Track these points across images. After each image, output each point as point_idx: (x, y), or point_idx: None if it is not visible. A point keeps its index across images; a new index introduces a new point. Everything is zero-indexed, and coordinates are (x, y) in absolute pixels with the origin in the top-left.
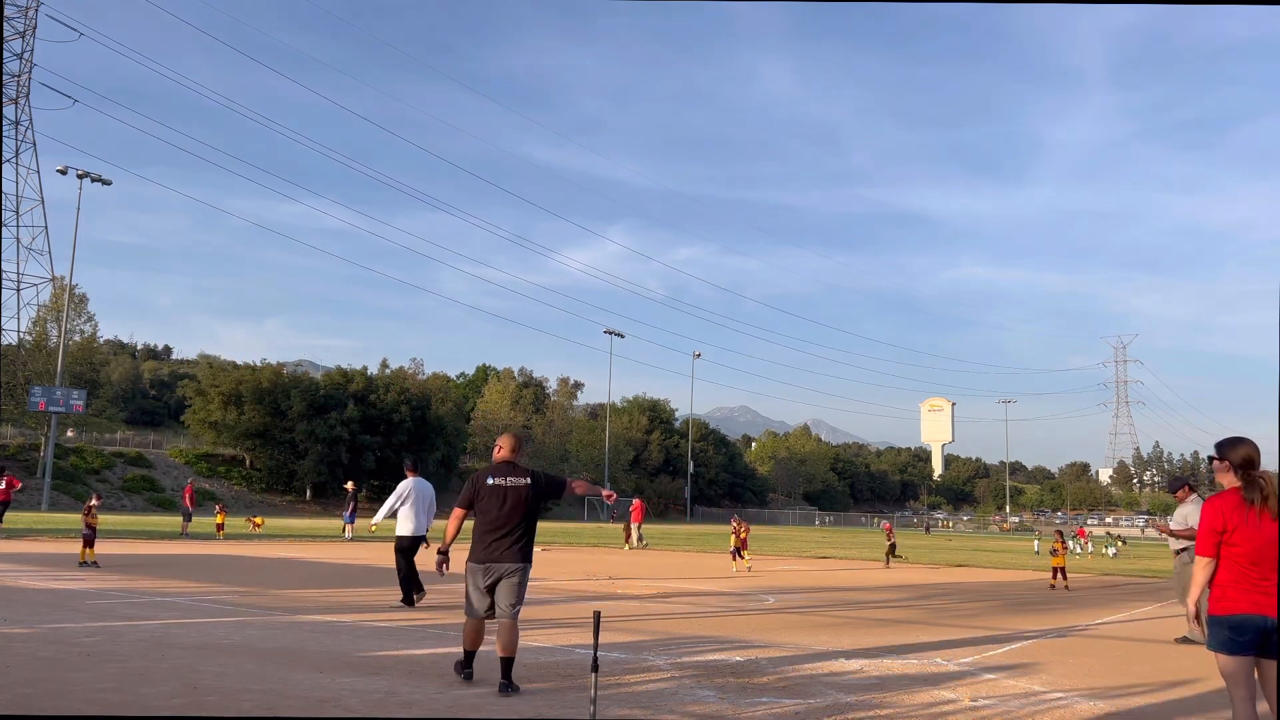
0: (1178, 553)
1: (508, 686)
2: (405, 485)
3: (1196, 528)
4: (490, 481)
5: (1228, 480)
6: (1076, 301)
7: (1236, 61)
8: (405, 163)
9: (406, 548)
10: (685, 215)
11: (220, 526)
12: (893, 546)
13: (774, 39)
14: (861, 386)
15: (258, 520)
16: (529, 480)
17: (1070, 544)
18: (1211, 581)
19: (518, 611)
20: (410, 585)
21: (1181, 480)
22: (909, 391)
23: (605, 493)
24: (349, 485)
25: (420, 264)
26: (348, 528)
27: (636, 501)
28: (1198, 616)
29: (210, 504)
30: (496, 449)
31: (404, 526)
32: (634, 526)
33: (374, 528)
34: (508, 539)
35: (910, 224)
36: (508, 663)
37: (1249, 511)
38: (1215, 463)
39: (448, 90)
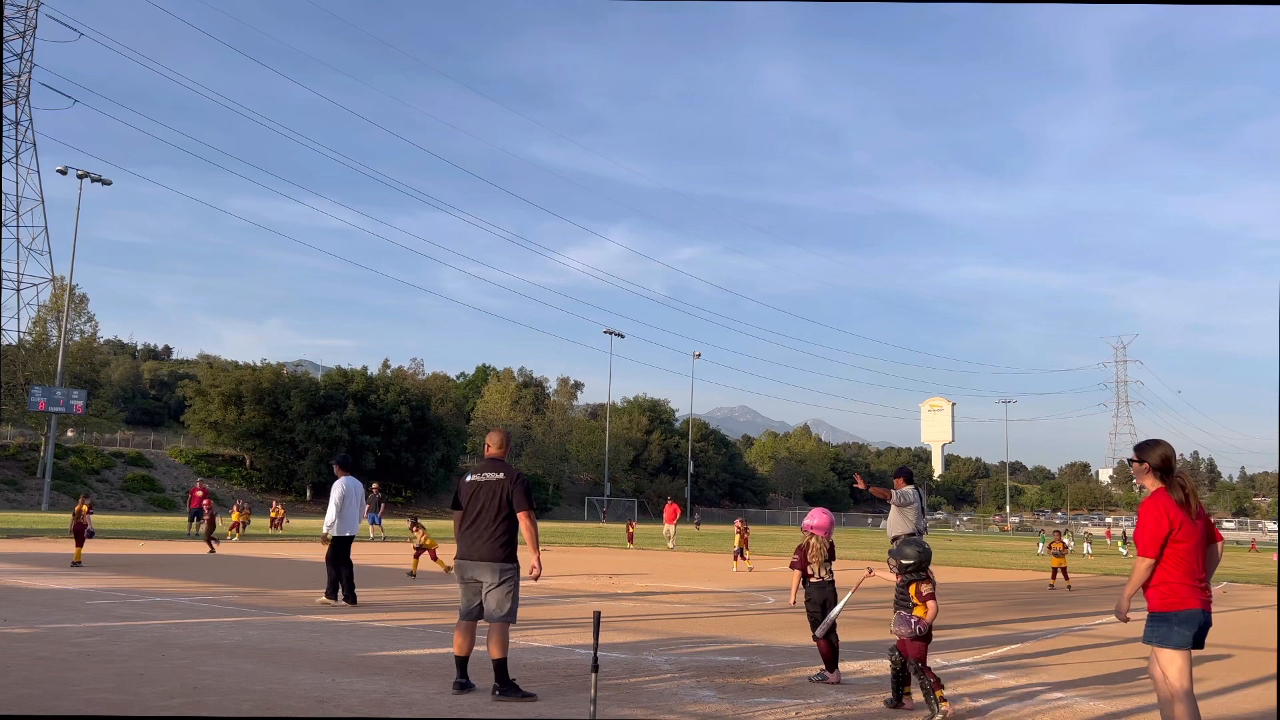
0: (895, 539)
1: (500, 690)
2: (344, 485)
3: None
4: (468, 479)
5: (1149, 482)
6: (1077, 301)
7: (1240, 61)
8: (406, 163)
9: (345, 547)
10: (686, 215)
11: (235, 526)
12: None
13: (777, 38)
14: (861, 386)
15: (277, 512)
16: (502, 476)
17: (1089, 546)
18: (1156, 579)
19: (508, 615)
20: (350, 583)
21: (903, 470)
22: (909, 391)
23: (533, 564)
24: (375, 487)
25: (420, 264)
26: (375, 529)
27: (672, 505)
28: (1123, 614)
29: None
30: (485, 446)
31: (342, 527)
32: (669, 527)
33: (328, 535)
34: (481, 535)
35: (912, 224)
36: (498, 664)
37: (1180, 508)
38: (1135, 465)
39: (449, 90)
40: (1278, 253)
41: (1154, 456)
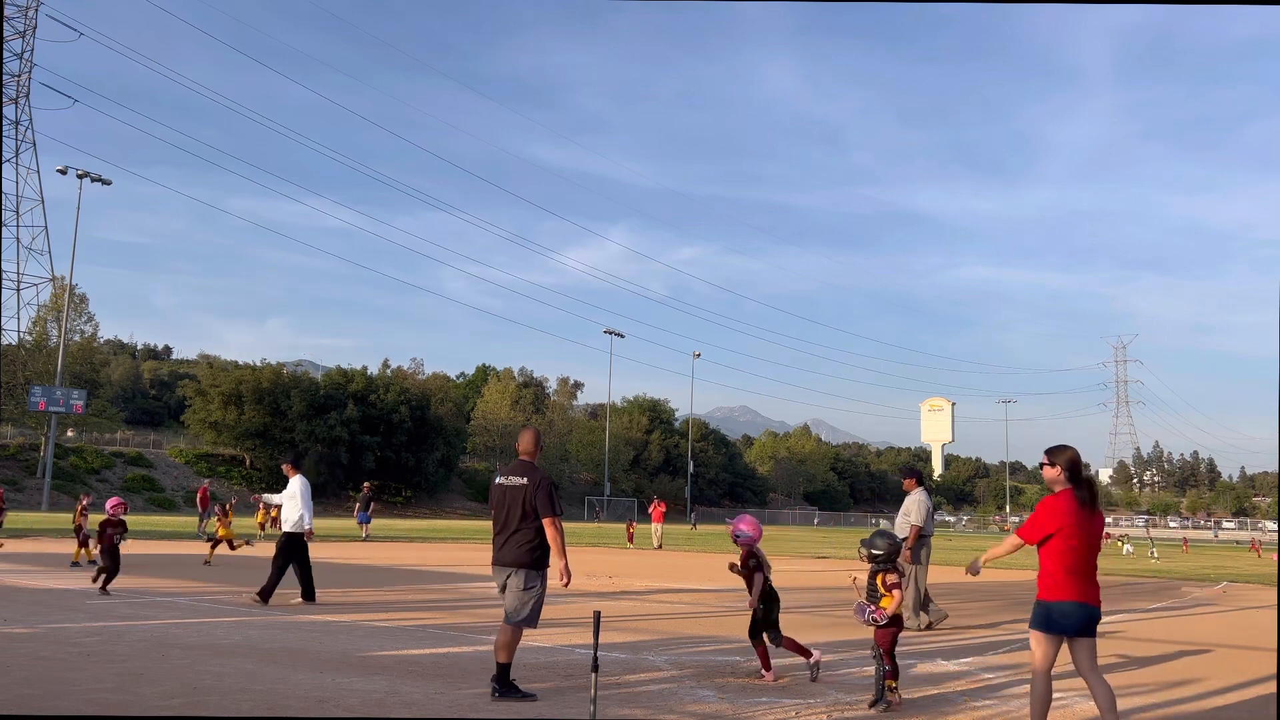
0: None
1: (500, 691)
2: (305, 484)
3: (914, 524)
4: (496, 480)
5: (1058, 483)
6: (1077, 301)
7: (1240, 61)
8: (406, 163)
9: (301, 543)
10: (687, 215)
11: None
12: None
13: (777, 38)
14: (861, 386)
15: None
16: (525, 481)
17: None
18: (1047, 571)
19: (524, 620)
20: (276, 582)
21: (913, 471)
22: (909, 391)
23: (560, 569)
24: (366, 486)
25: (420, 264)
26: (363, 528)
27: (660, 504)
28: (976, 567)
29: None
30: (517, 444)
31: (307, 522)
32: (656, 527)
33: (310, 531)
34: (507, 540)
35: (912, 223)
36: (501, 667)
37: (1082, 510)
38: (1045, 468)
39: (449, 90)
40: (1278, 253)
41: (1063, 460)
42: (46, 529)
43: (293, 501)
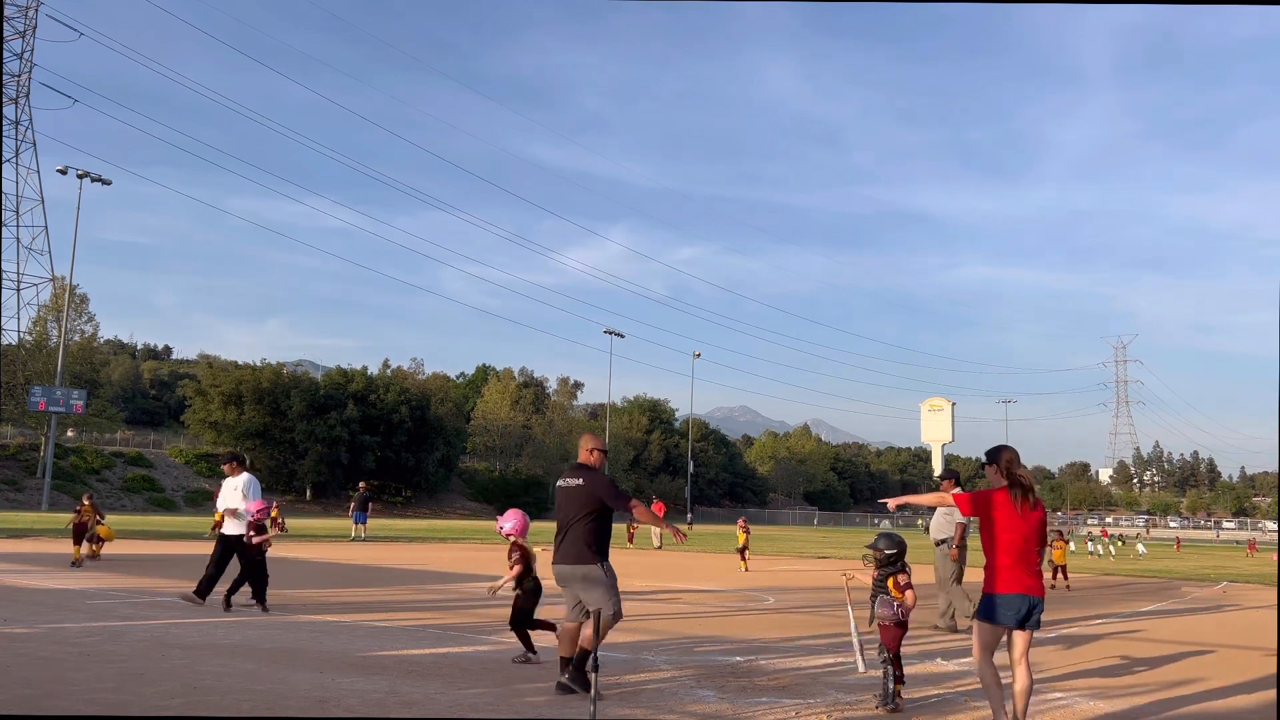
0: (939, 543)
1: (571, 677)
2: (254, 482)
3: (960, 523)
4: (559, 483)
5: (996, 481)
6: (1077, 301)
7: (1241, 61)
8: (406, 162)
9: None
10: (687, 215)
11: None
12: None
13: (777, 38)
14: (861, 386)
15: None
16: (582, 482)
17: (1092, 545)
18: (989, 565)
19: (616, 614)
20: (264, 583)
21: (952, 472)
22: (909, 391)
23: (676, 530)
24: (362, 485)
25: (420, 264)
26: (358, 528)
27: (658, 504)
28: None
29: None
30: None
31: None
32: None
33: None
34: (567, 539)
35: (913, 223)
36: (583, 654)
37: (1012, 506)
38: (986, 468)
39: (449, 90)
40: (1278, 253)
41: (1001, 460)
42: (46, 529)
43: (246, 499)
